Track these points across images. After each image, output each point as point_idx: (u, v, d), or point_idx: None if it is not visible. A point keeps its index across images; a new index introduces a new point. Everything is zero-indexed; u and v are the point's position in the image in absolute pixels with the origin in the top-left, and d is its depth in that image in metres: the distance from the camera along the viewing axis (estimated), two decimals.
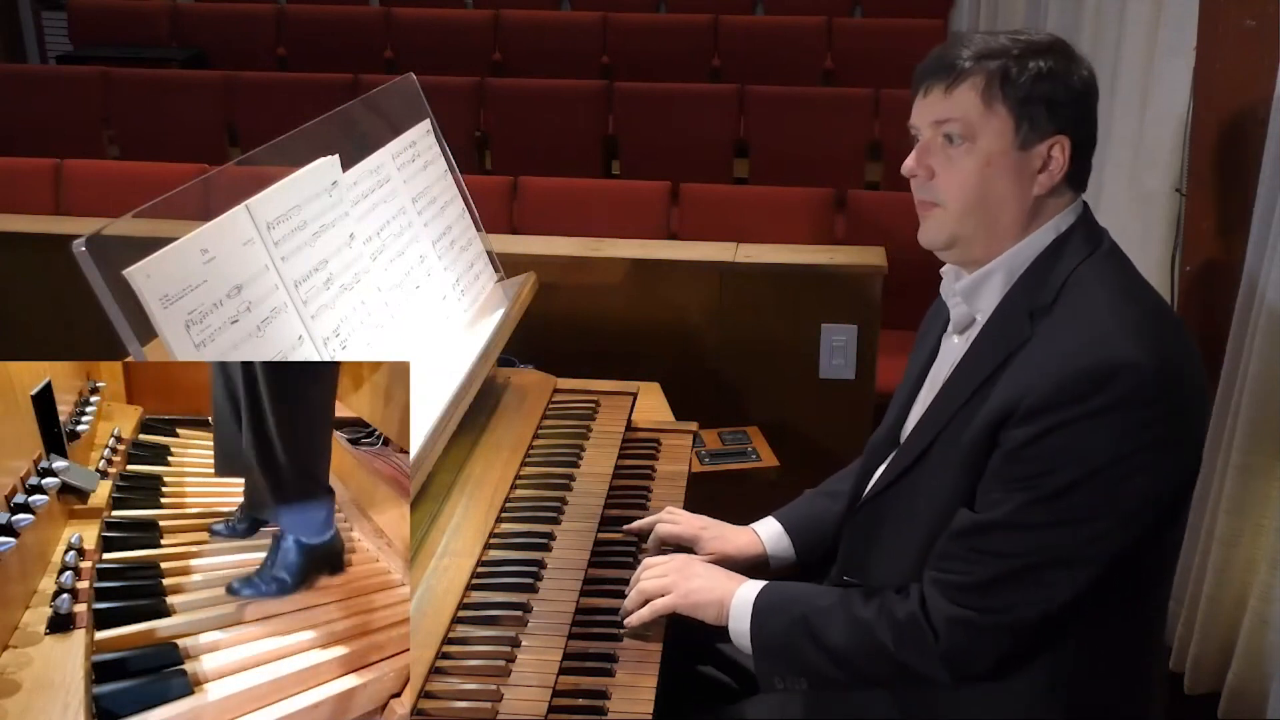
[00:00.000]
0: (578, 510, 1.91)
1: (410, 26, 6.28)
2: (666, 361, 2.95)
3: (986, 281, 1.56)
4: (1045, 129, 1.49)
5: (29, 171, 4.19)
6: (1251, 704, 2.37)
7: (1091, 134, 1.54)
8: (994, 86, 1.49)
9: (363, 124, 2.11)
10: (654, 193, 3.96)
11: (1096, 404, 1.38)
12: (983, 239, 1.54)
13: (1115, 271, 1.52)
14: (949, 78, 1.52)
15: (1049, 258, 1.52)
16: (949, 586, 1.48)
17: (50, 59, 7.50)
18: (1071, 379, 1.39)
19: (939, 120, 1.53)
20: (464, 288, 2.17)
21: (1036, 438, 1.40)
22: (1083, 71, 1.52)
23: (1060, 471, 1.40)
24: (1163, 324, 1.48)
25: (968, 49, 1.52)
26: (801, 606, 1.60)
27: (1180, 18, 2.65)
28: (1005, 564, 1.44)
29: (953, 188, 1.53)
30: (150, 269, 1.38)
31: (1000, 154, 1.50)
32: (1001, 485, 1.45)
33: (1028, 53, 1.50)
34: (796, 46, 6.02)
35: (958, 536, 1.48)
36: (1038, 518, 1.42)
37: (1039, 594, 1.44)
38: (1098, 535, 1.41)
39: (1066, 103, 1.49)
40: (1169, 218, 2.75)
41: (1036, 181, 1.51)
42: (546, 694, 1.51)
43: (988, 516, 1.45)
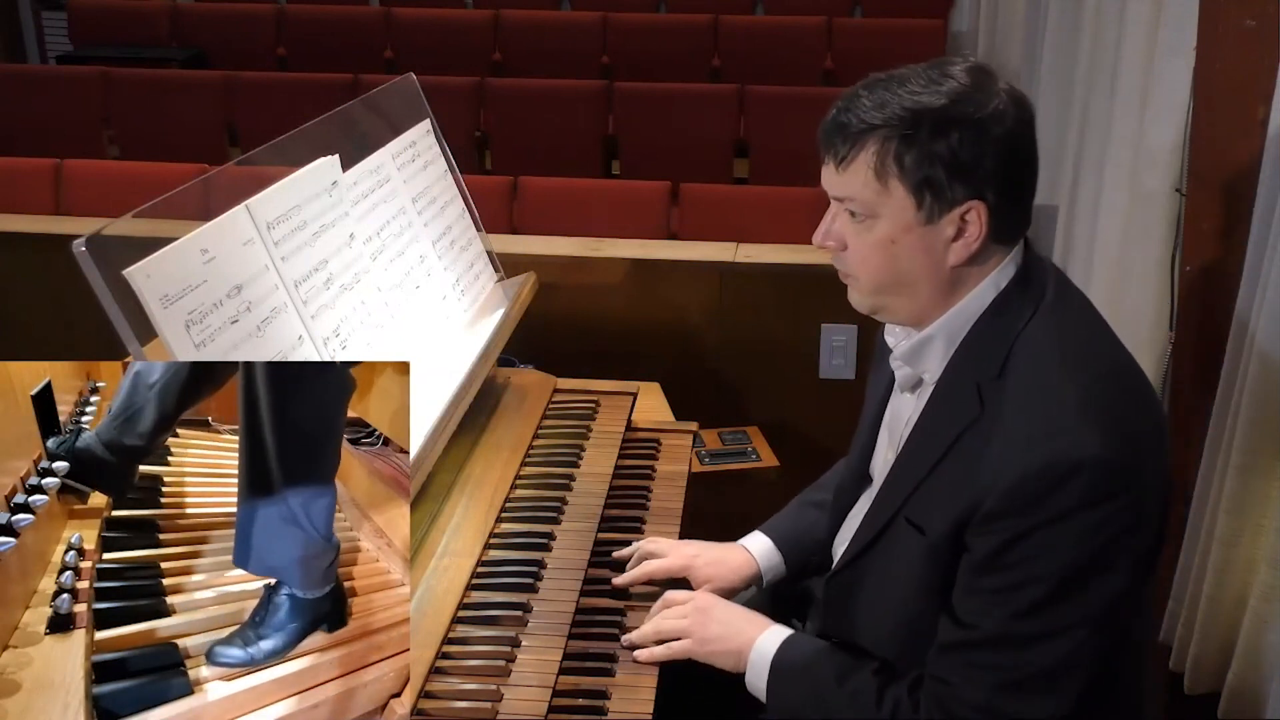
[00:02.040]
0: (578, 510, 1.91)
1: (410, 26, 6.27)
2: (666, 361, 2.95)
3: (927, 346, 1.48)
4: (954, 197, 1.37)
5: (29, 171, 4.19)
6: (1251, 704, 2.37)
7: (1019, 179, 1.40)
8: (886, 164, 1.37)
9: (363, 124, 2.11)
10: (654, 193, 3.96)
11: (1055, 509, 1.32)
12: (906, 308, 1.47)
13: (1059, 329, 1.42)
14: (839, 155, 1.40)
15: (991, 320, 1.43)
16: (953, 700, 1.42)
17: (50, 59, 7.49)
18: (1026, 484, 1.33)
19: (838, 198, 1.44)
20: (464, 288, 2.17)
21: (1003, 547, 1.35)
22: (999, 117, 1.35)
23: (1034, 584, 1.35)
24: (1112, 388, 1.41)
25: (856, 116, 1.39)
26: (819, 681, 1.54)
27: (1180, 18, 2.64)
28: (1001, 676, 1.39)
29: (861, 264, 1.45)
30: (150, 269, 1.38)
31: (904, 231, 1.40)
32: (978, 597, 1.39)
33: (923, 118, 1.35)
34: (796, 46, 6.02)
35: (949, 651, 1.43)
36: (1024, 632, 1.37)
37: (1042, 699, 1.39)
38: (1088, 636, 1.37)
39: (975, 165, 1.35)
40: (1169, 218, 2.75)
41: (951, 251, 1.40)
42: (546, 694, 1.51)
43: (974, 634, 1.40)
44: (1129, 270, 2.80)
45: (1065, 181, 3.37)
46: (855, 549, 1.57)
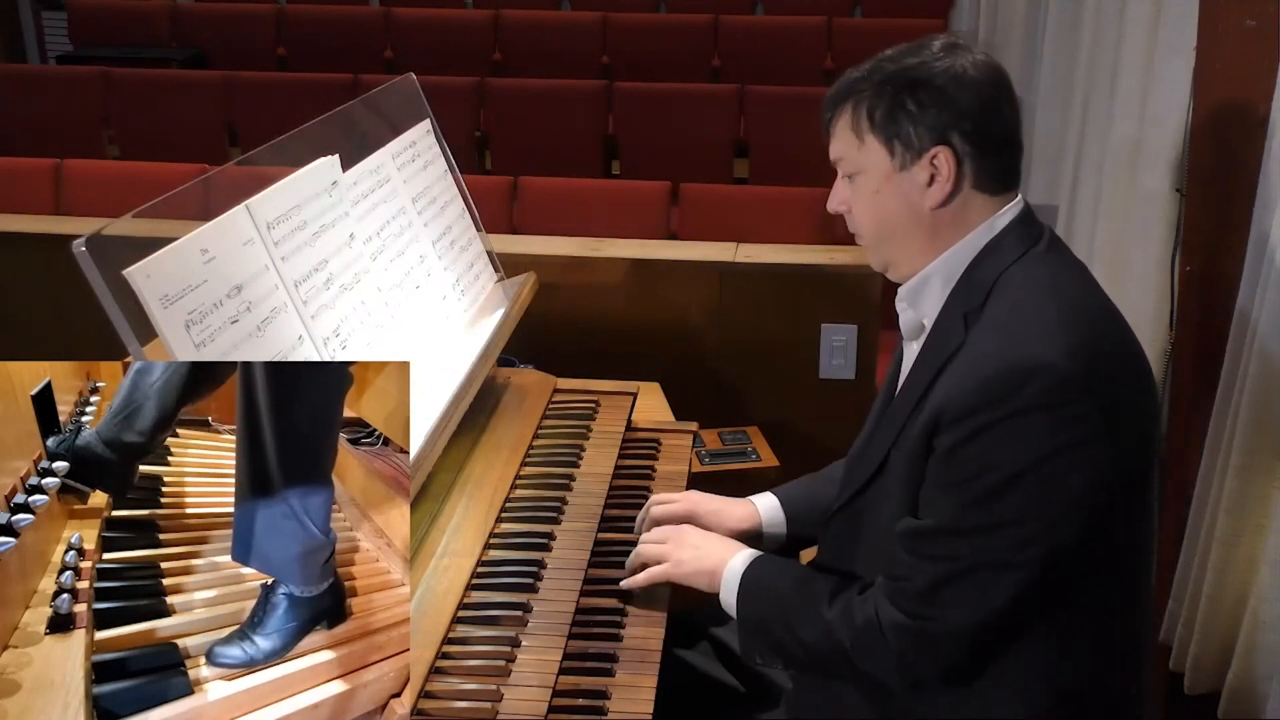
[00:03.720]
0: (578, 510, 1.92)
1: (410, 26, 6.28)
2: (666, 361, 2.95)
3: (926, 286, 1.56)
4: (921, 144, 1.49)
5: (29, 171, 4.19)
6: (1251, 704, 2.37)
7: (987, 128, 1.50)
8: (860, 120, 1.52)
9: (363, 124, 2.11)
10: (654, 193, 3.96)
11: (1013, 406, 1.39)
12: (906, 259, 1.57)
13: (1046, 269, 1.51)
14: (826, 122, 1.57)
15: (981, 260, 1.52)
16: (895, 593, 1.50)
17: (50, 59, 7.50)
18: (989, 383, 1.40)
19: (834, 160, 1.58)
20: (464, 288, 2.17)
21: (961, 442, 1.42)
22: (957, 73, 1.49)
23: (986, 475, 1.41)
24: (1088, 320, 1.47)
25: (838, 87, 1.55)
26: (782, 592, 1.63)
27: (1180, 18, 2.64)
28: (943, 568, 1.45)
29: (861, 220, 1.59)
30: (150, 269, 1.38)
31: (884, 180, 1.53)
32: (936, 490, 1.47)
33: (890, 78, 1.50)
34: (796, 46, 6.02)
35: (900, 542, 1.50)
36: (970, 522, 1.43)
37: (974, 598, 1.45)
38: (1029, 538, 1.41)
39: (937, 114, 1.48)
40: (1169, 218, 2.75)
41: (927, 196, 1.51)
42: (546, 694, 1.51)
43: (925, 523, 1.48)
44: (1129, 270, 2.80)
45: (1065, 181, 3.38)
46: (851, 489, 1.64)
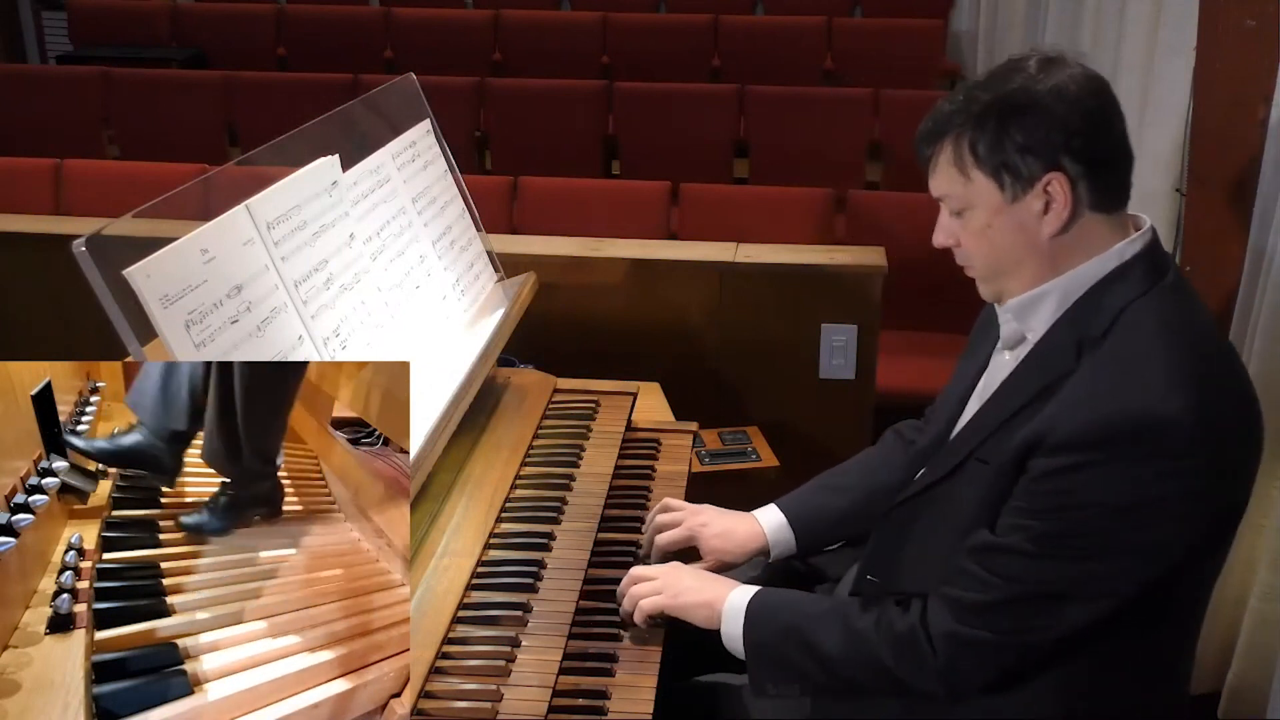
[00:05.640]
0: (578, 510, 1.91)
1: (410, 26, 6.28)
2: (666, 361, 2.95)
3: (1040, 302, 1.52)
4: (1031, 173, 1.44)
5: (29, 171, 4.19)
6: (1251, 704, 2.37)
7: (1098, 146, 1.45)
8: (963, 155, 1.47)
9: (363, 124, 2.11)
10: (654, 193, 3.96)
11: (1124, 452, 1.36)
12: (1020, 288, 1.53)
13: (1176, 309, 1.46)
14: (925, 159, 1.53)
15: (1105, 286, 1.47)
16: (956, 603, 1.47)
17: (50, 59, 7.50)
18: (1107, 423, 1.37)
19: (939, 198, 1.54)
20: (464, 288, 2.17)
21: (1061, 471, 1.39)
22: (1059, 92, 1.43)
23: (1077, 509, 1.39)
24: (1214, 372, 1.43)
25: (932, 121, 1.51)
26: (794, 613, 1.60)
27: (1180, 18, 2.65)
28: (1012, 589, 1.43)
29: (972, 254, 1.54)
30: (150, 269, 1.38)
31: (995, 214, 1.48)
32: (1020, 512, 1.44)
33: (988, 108, 1.45)
34: (796, 46, 6.02)
35: (972, 554, 1.47)
36: (1049, 550, 1.41)
37: (1034, 622, 1.44)
38: (1105, 576, 1.40)
39: (1044, 139, 1.43)
40: (1169, 218, 2.75)
41: (1044, 224, 1.46)
42: (546, 694, 1.51)
43: (1002, 540, 1.45)
44: None
45: None
46: (919, 486, 1.60)
